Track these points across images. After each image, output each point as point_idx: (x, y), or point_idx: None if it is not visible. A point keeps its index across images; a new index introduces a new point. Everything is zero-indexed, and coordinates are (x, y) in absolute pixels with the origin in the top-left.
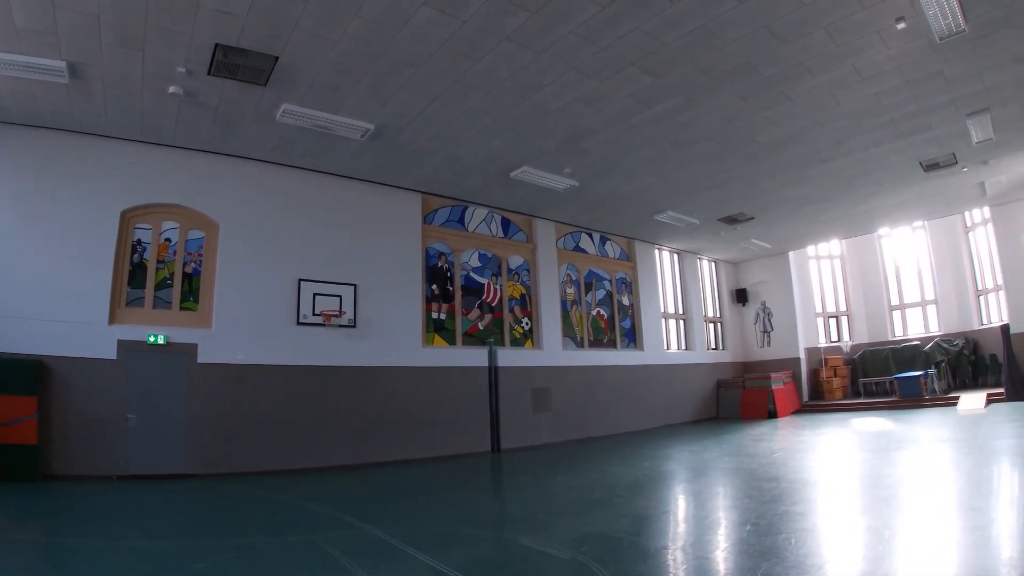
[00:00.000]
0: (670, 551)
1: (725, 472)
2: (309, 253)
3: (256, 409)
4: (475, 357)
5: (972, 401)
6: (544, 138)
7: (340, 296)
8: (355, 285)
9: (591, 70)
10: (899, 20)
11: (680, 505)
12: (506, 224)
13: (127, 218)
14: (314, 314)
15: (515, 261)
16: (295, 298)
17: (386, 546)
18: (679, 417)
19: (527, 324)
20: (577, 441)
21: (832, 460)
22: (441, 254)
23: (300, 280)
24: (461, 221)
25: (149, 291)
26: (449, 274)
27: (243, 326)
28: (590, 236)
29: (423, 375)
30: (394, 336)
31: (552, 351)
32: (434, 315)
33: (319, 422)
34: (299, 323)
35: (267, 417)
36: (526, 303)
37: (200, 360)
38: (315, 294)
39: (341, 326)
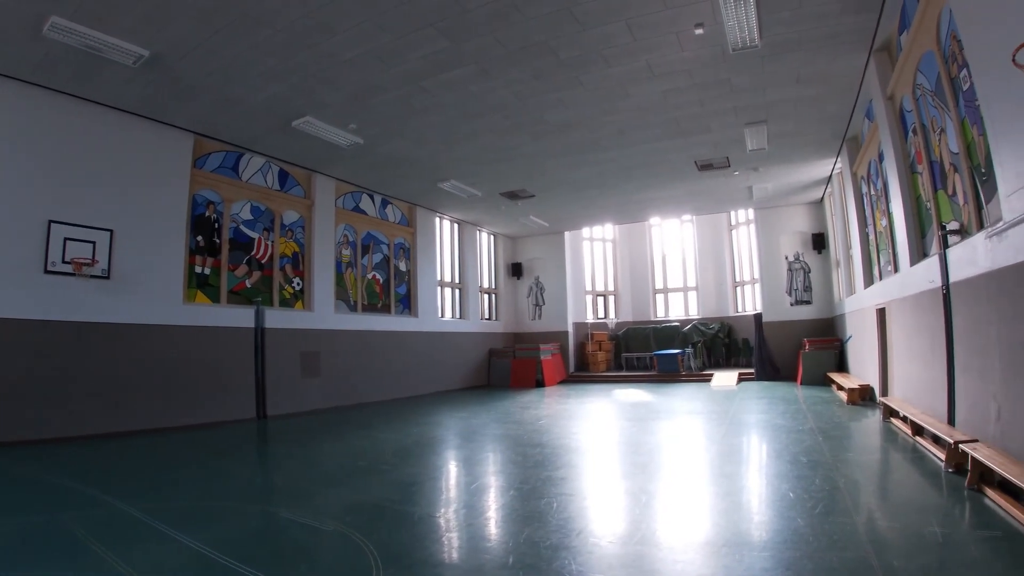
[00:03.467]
0: (435, 518)
1: (492, 438)
2: (63, 192)
3: None
4: (241, 317)
5: (725, 379)
6: (331, 89)
7: (95, 242)
8: (112, 231)
9: (388, 24)
10: (699, 25)
11: (447, 471)
12: (284, 177)
13: None
14: (64, 262)
15: (290, 217)
16: (44, 243)
17: (139, 524)
18: (451, 384)
19: (298, 284)
20: (347, 407)
21: (594, 428)
22: (210, 203)
23: (51, 222)
24: (235, 169)
25: None
26: (217, 225)
27: None
28: (371, 197)
29: (184, 335)
30: (153, 290)
31: (323, 314)
32: (198, 269)
33: (69, 386)
34: (47, 271)
35: (8, 380)
36: (298, 262)
37: None
38: (66, 239)
39: (93, 276)
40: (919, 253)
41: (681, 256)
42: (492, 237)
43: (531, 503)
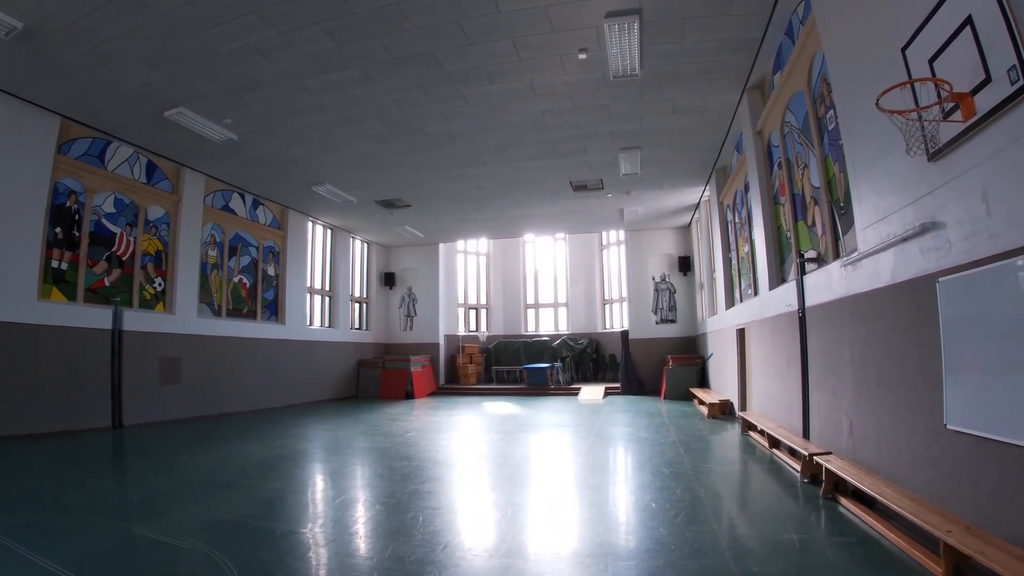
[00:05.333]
0: (298, 534)
1: (359, 451)
2: None
3: None
4: (98, 317)
5: (592, 392)
6: (209, 80)
7: None
8: None
9: (274, 18)
10: (582, 51)
11: (311, 486)
12: (152, 169)
13: None
14: None
15: (155, 212)
16: None
17: None
18: (319, 395)
19: (160, 285)
20: (208, 417)
21: (462, 440)
22: (72, 192)
23: None
24: (100, 157)
25: None
26: (78, 217)
27: None
28: (242, 197)
29: (36, 334)
30: (5, 284)
31: (186, 317)
32: (54, 263)
33: None
34: None
35: None
36: (161, 261)
37: None
38: None
39: None
40: (778, 278)
41: (553, 273)
42: (366, 245)
43: (397, 517)
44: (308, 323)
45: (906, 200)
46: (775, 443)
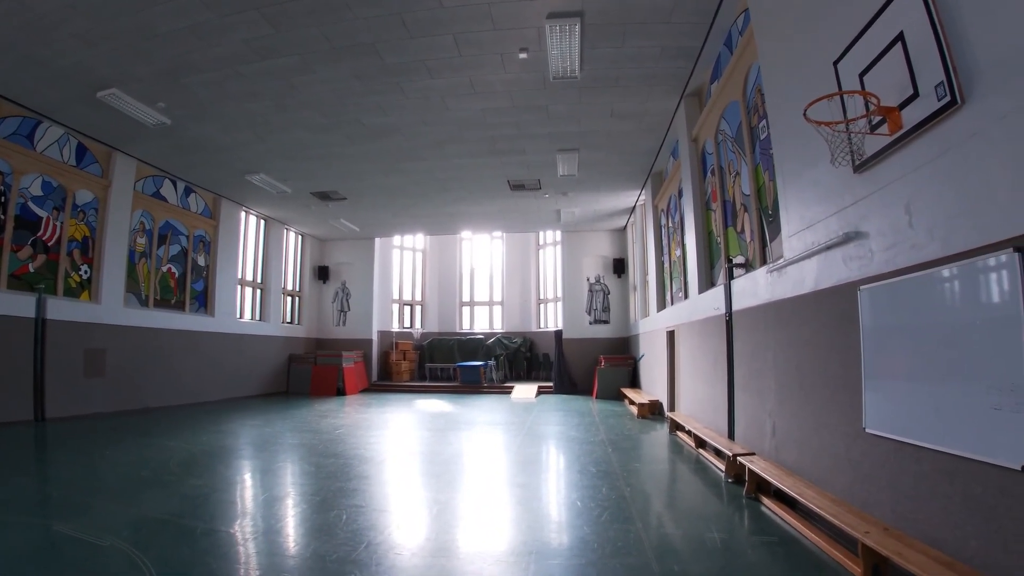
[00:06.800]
0: (220, 532)
1: (286, 448)
2: None
3: None
4: (21, 305)
5: (525, 391)
6: (144, 61)
7: None
8: None
9: (213, 0)
10: (523, 50)
11: (235, 483)
12: (82, 152)
13: None
14: None
15: (84, 197)
16: None
17: None
18: (248, 390)
19: (86, 272)
20: (133, 411)
21: (392, 438)
22: None
23: None
24: (30, 137)
25: None
26: (3, 199)
27: None
28: (174, 184)
29: None
30: None
31: (112, 307)
32: None
33: None
34: None
35: None
36: (88, 248)
37: None
38: None
39: None
40: (707, 282)
41: (489, 271)
42: (300, 237)
43: (321, 515)
44: (238, 316)
45: (831, 210)
46: (701, 443)
